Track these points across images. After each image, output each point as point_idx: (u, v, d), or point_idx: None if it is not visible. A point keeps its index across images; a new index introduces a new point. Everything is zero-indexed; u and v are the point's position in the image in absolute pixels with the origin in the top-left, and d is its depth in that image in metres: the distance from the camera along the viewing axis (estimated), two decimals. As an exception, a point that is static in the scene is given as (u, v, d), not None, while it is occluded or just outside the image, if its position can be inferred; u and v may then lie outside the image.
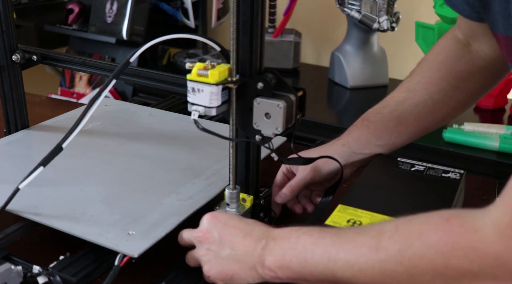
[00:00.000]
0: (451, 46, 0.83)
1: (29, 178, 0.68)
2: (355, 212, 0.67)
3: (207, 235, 0.64)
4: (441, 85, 0.81)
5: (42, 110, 1.20)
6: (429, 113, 0.82)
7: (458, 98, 0.82)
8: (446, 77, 0.81)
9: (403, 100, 0.81)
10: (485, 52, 0.81)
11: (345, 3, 1.53)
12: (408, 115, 0.81)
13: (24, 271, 0.63)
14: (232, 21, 0.65)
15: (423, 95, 0.81)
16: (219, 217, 0.65)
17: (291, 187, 0.79)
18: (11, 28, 0.91)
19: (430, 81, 0.81)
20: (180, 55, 2.00)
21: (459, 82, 0.81)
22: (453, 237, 0.49)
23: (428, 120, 0.82)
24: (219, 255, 0.62)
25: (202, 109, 0.65)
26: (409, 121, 0.81)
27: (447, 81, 0.81)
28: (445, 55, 0.83)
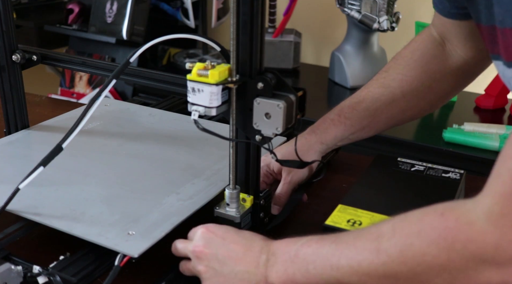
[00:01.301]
0: (427, 44, 0.84)
1: (29, 178, 0.68)
2: (355, 212, 0.67)
3: (205, 251, 0.63)
4: (414, 84, 0.83)
5: (42, 110, 1.20)
6: (400, 112, 0.85)
7: (429, 99, 0.85)
8: (420, 77, 0.83)
9: (378, 97, 0.83)
10: (458, 53, 0.83)
11: (345, 3, 1.53)
12: (381, 113, 0.84)
13: (24, 271, 0.63)
14: (232, 21, 0.65)
15: (397, 94, 0.83)
16: (215, 231, 0.64)
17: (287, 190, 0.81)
18: (11, 28, 0.91)
19: (405, 79, 0.83)
20: (180, 55, 2.00)
21: (432, 83, 0.83)
22: (451, 232, 0.50)
23: (399, 118, 0.86)
24: (221, 272, 0.62)
25: (202, 109, 0.65)
26: (381, 118, 0.84)
27: (421, 81, 0.83)
28: (421, 53, 0.84)
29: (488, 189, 0.51)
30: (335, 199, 0.73)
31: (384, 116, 0.84)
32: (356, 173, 0.94)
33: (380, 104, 0.83)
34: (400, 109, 0.84)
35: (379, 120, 0.84)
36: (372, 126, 0.85)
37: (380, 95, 0.83)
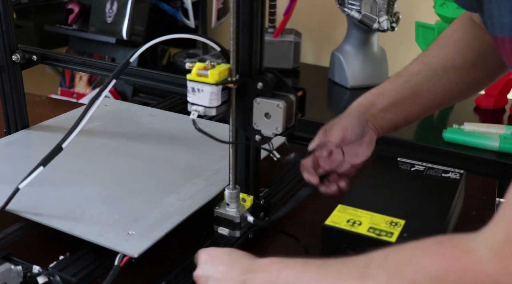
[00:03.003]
0: (467, 26, 0.82)
1: (29, 178, 0.68)
2: (355, 212, 0.67)
3: (198, 275, 0.63)
4: (457, 61, 0.80)
5: (42, 110, 1.20)
6: (444, 88, 0.80)
7: (475, 76, 0.81)
8: (462, 54, 0.80)
9: (417, 72, 0.80)
10: None
11: (345, 3, 1.53)
12: (422, 87, 0.80)
13: (24, 271, 0.63)
14: (232, 21, 0.65)
15: (438, 70, 0.80)
16: (210, 253, 0.64)
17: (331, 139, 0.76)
18: (11, 28, 0.91)
19: (446, 57, 0.80)
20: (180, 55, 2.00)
21: (476, 60, 0.80)
22: (446, 260, 0.46)
23: (443, 94, 0.81)
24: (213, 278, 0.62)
25: (202, 109, 0.65)
26: (423, 92, 0.80)
27: (463, 58, 0.80)
28: (461, 33, 0.81)
29: (494, 220, 0.47)
30: (335, 199, 0.73)
31: (426, 91, 0.80)
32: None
33: (420, 79, 0.80)
34: (443, 85, 0.80)
35: (421, 94, 0.80)
36: (415, 100, 0.80)
37: (420, 70, 0.80)
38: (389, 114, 0.80)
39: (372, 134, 0.79)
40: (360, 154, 0.79)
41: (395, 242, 0.61)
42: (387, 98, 0.80)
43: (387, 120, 0.80)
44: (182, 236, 0.74)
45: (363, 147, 0.79)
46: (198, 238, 0.74)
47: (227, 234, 0.74)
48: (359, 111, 0.79)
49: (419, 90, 0.80)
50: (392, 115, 0.80)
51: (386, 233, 0.62)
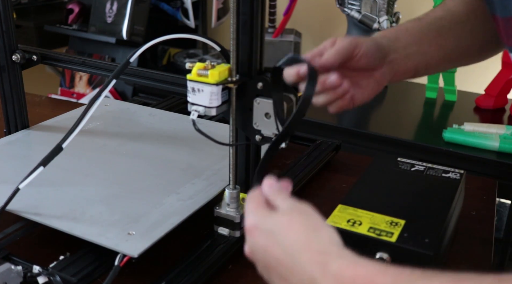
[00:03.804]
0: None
1: (29, 178, 0.68)
2: (355, 212, 0.67)
3: (253, 258, 0.52)
4: (478, 11, 0.77)
5: (42, 110, 1.20)
6: (468, 35, 0.76)
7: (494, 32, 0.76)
8: (482, 7, 0.77)
9: (441, 17, 0.76)
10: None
11: (345, 3, 1.53)
12: (448, 31, 0.75)
13: (24, 271, 0.63)
14: (232, 21, 0.65)
15: (462, 17, 0.76)
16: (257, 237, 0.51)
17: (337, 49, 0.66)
18: (11, 28, 0.91)
19: (467, 6, 0.77)
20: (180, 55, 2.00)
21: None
22: None
23: (468, 41, 0.77)
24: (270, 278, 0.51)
25: (202, 109, 0.65)
26: (448, 36, 0.75)
27: (484, 10, 0.76)
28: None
29: None
30: (335, 199, 0.73)
31: (452, 35, 0.75)
32: (356, 173, 0.94)
33: (445, 23, 0.75)
34: (467, 32, 0.76)
35: (446, 38, 0.75)
36: (440, 43, 0.74)
37: (443, 16, 0.76)
38: (412, 54, 0.72)
39: (386, 71, 0.70)
40: (364, 86, 0.70)
41: (395, 242, 0.61)
42: (412, 36, 0.73)
43: (408, 61, 0.72)
44: (182, 236, 0.74)
45: (370, 81, 0.70)
46: (198, 238, 0.74)
47: (227, 234, 0.74)
48: (381, 41, 0.70)
49: (444, 34, 0.75)
50: (415, 55, 0.72)
51: (386, 233, 0.62)
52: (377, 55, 0.68)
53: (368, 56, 0.67)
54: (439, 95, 1.54)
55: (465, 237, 0.79)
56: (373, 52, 0.68)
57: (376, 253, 0.61)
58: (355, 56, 0.66)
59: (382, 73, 0.70)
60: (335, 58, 0.65)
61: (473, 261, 0.74)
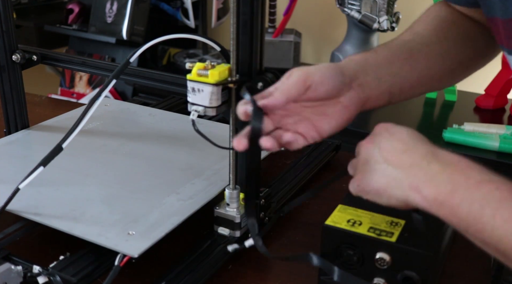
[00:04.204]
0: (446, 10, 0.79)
1: (29, 178, 0.68)
2: (355, 212, 0.67)
3: (369, 145, 0.59)
4: (449, 34, 0.75)
5: (42, 110, 1.20)
6: (439, 57, 0.74)
7: (467, 54, 0.77)
8: (453, 29, 0.76)
9: (410, 39, 0.74)
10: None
11: (345, 3, 1.53)
12: (418, 53, 0.72)
13: (24, 271, 0.63)
14: (232, 21, 0.65)
15: (432, 38, 0.74)
16: (388, 127, 0.59)
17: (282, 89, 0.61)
18: (11, 28, 0.91)
19: (437, 29, 0.76)
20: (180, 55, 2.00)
21: (466, 38, 0.76)
22: None
23: (439, 63, 0.74)
24: (374, 167, 0.57)
25: (202, 109, 0.65)
26: (419, 57, 0.72)
27: (455, 32, 0.76)
28: (445, 13, 0.78)
29: None
30: (335, 199, 0.73)
31: (423, 56, 0.72)
32: (356, 173, 0.94)
33: (415, 45, 0.73)
34: (438, 53, 0.74)
35: (418, 60, 0.72)
36: (412, 64, 0.71)
37: (413, 39, 0.74)
38: (383, 76, 0.68)
39: (354, 96, 0.65)
40: (330, 115, 0.64)
41: (395, 242, 0.61)
42: (382, 57, 0.70)
43: (380, 84, 0.68)
44: (182, 236, 0.74)
45: (337, 109, 0.64)
46: (198, 238, 0.74)
47: (227, 234, 0.74)
48: (346, 65, 0.66)
49: (415, 55, 0.72)
50: (387, 77, 0.68)
51: (387, 233, 0.62)
52: (337, 81, 0.63)
53: (325, 84, 0.62)
54: (439, 95, 1.53)
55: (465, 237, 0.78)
56: (331, 78, 0.63)
57: (376, 253, 0.61)
58: (308, 87, 0.61)
59: (349, 99, 0.65)
60: (281, 98, 0.61)
61: (473, 261, 0.74)
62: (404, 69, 0.70)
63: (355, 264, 0.63)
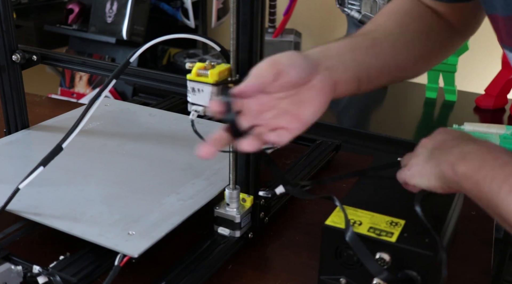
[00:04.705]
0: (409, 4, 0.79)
1: (29, 178, 0.68)
2: (355, 212, 0.67)
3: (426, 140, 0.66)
4: (411, 27, 0.75)
5: (42, 110, 1.20)
6: (403, 47, 0.74)
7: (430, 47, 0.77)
8: (416, 23, 0.76)
9: (373, 30, 0.74)
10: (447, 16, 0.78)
11: (345, 3, 1.53)
12: (382, 41, 0.72)
13: (24, 271, 0.63)
14: (232, 21, 0.65)
15: (396, 29, 0.74)
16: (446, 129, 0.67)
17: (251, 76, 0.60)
18: (11, 28, 0.91)
19: (400, 21, 0.76)
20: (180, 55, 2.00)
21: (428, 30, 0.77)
22: None
23: (403, 54, 0.74)
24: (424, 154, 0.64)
25: (202, 109, 0.65)
26: (383, 46, 0.72)
27: (418, 26, 0.76)
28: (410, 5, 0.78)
29: None
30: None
31: (387, 44, 0.72)
32: (356, 173, 0.94)
33: (378, 35, 0.73)
34: (402, 44, 0.74)
35: (381, 46, 0.72)
36: (376, 51, 0.71)
37: (376, 29, 0.74)
38: (347, 61, 0.67)
39: (325, 79, 0.64)
40: (308, 100, 0.63)
41: (395, 242, 0.61)
42: (344, 45, 0.69)
43: (346, 68, 0.67)
44: (182, 236, 0.74)
45: (312, 93, 0.63)
46: (198, 238, 0.74)
47: (227, 234, 0.74)
48: (309, 53, 0.66)
49: (379, 42, 0.71)
50: (351, 62, 0.67)
51: (386, 233, 0.62)
52: (304, 64, 0.62)
53: (295, 66, 0.61)
54: (439, 95, 1.54)
55: (465, 237, 0.79)
56: (298, 62, 0.62)
57: (376, 253, 0.61)
58: (280, 71, 0.60)
59: (321, 82, 0.63)
60: (254, 82, 0.60)
61: (473, 261, 0.74)
62: (368, 56, 0.70)
63: (355, 264, 0.63)
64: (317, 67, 0.63)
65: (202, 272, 0.68)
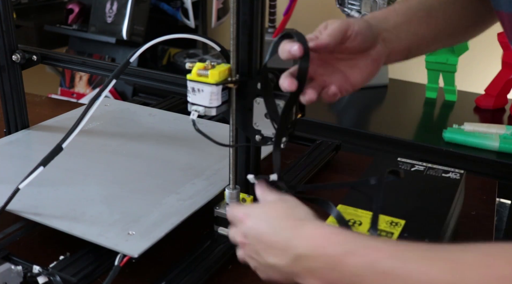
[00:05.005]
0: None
1: (29, 178, 0.68)
2: (355, 212, 0.67)
3: (245, 242, 0.58)
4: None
5: (42, 110, 1.20)
6: (456, 15, 0.76)
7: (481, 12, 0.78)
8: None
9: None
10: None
11: (345, 3, 1.53)
12: (437, 10, 0.74)
13: (24, 271, 0.63)
14: (232, 21, 0.65)
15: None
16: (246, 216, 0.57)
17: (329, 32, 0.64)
18: (11, 28, 0.91)
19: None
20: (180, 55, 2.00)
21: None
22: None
23: (455, 22, 0.76)
24: (262, 264, 0.57)
25: (202, 109, 0.65)
26: (438, 15, 0.74)
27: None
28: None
29: None
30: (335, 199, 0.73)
31: (441, 14, 0.74)
32: (356, 173, 0.94)
33: (433, 2, 0.74)
34: (456, 11, 0.76)
35: (436, 17, 0.74)
36: (430, 22, 0.73)
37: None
38: (402, 33, 0.71)
39: (381, 50, 0.69)
40: (362, 67, 0.68)
41: (395, 242, 0.61)
42: (401, 15, 0.72)
43: (400, 40, 0.71)
44: (182, 236, 0.74)
45: (367, 61, 0.68)
46: (198, 238, 0.74)
47: (227, 234, 0.74)
48: (371, 21, 0.69)
49: (434, 13, 0.74)
50: (405, 34, 0.72)
51: (386, 233, 0.62)
52: (369, 34, 0.67)
53: (361, 35, 0.66)
54: (439, 95, 1.53)
55: (465, 237, 0.79)
56: (365, 31, 0.66)
57: (376, 253, 0.61)
58: (349, 36, 0.65)
59: (377, 52, 0.68)
60: (329, 39, 0.64)
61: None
62: (422, 28, 0.73)
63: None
64: (377, 38, 0.68)
65: (202, 272, 0.68)
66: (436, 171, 0.78)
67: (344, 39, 0.65)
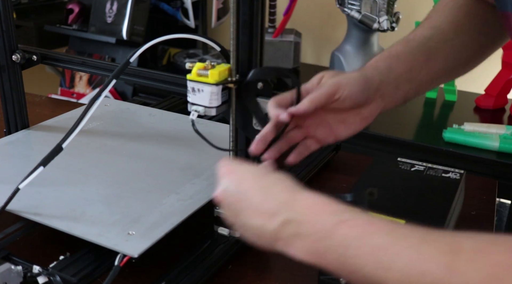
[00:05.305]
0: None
1: (29, 178, 0.68)
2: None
3: (223, 196, 0.56)
4: (466, 26, 0.76)
5: (42, 110, 1.20)
6: (456, 53, 0.75)
7: (481, 42, 0.78)
8: (470, 19, 0.76)
9: (430, 36, 0.74)
10: None
11: (345, 3, 1.53)
12: (437, 52, 0.74)
13: (24, 271, 0.63)
14: (232, 21, 0.65)
15: (450, 34, 0.75)
16: (234, 172, 0.56)
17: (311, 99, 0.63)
18: (11, 28, 0.91)
19: (454, 21, 0.76)
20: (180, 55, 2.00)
21: (482, 26, 0.77)
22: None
23: (455, 60, 0.76)
24: (238, 221, 0.56)
25: (202, 109, 0.65)
26: (437, 58, 0.74)
27: (472, 23, 0.76)
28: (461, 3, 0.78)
29: None
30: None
31: (440, 56, 0.73)
32: (356, 173, 0.94)
33: (434, 44, 0.74)
34: (456, 49, 0.75)
35: (435, 60, 0.73)
36: (430, 66, 0.72)
37: (432, 35, 0.74)
38: (402, 84, 0.70)
39: (375, 108, 0.68)
40: (350, 123, 0.67)
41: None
42: (403, 62, 0.71)
43: (398, 91, 0.70)
44: (182, 236, 0.74)
45: (356, 118, 0.67)
46: (198, 238, 0.74)
47: (227, 234, 0.74)
48: (372, 76, 0.68)
49: (433, 56, 0.73)
50: (406, 84, 0.70)
51: (386, 233, 0.62)
52: (364, 96, 0.66)
53: (352, 98, 0.64)
54: (439, 95, 1.54)
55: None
56: (357, 94, 0.65)
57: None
58: (336, 99, 0.64)
59: (370, 110, 0.67)
60: (308, 106, 0.63)
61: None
62: (421, 74, 0.72)
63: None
64: (374, 96, 0.67)
65: (202, 272, 0.68)
66: (436, 171, 0.78)
67: (330, 103, 0.64)
